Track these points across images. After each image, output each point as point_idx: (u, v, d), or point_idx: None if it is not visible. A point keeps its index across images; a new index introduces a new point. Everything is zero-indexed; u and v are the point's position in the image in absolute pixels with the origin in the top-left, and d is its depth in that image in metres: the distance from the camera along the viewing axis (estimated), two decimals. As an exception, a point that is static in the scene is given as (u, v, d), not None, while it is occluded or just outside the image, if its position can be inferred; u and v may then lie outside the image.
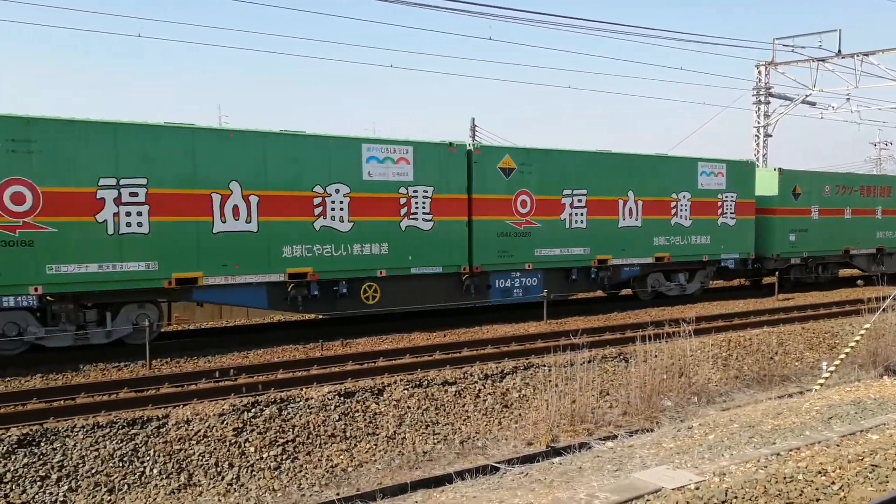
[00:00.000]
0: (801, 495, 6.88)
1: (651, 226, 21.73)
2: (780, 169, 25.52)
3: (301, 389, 12.20)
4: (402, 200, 17.32)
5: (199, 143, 14.83)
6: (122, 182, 14.07)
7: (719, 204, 23.38)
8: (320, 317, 18.04)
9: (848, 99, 35.75)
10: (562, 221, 19.93)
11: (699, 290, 23.75)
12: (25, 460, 9.66)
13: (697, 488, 7.10)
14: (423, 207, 17.67)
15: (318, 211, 16.22)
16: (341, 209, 16.51)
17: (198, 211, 14.87)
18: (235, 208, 15.25)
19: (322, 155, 16.23)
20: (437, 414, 12.50)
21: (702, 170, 22.84)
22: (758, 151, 36.88)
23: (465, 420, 12.59)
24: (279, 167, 15.72)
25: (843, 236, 27.32)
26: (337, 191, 16.43)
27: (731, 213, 23.64)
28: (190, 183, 14.74)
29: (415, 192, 17.50)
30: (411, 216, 17.49)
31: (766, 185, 25.32)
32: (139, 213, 14.26)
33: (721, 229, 23.45)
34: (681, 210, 22.46)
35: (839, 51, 33.14)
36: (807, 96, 35.82)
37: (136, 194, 14.21)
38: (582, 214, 20.21)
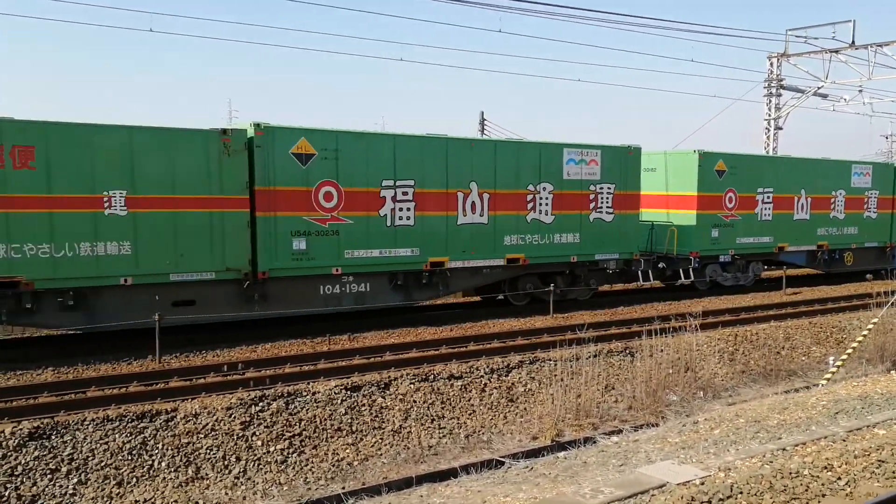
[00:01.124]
0: (806, 490, 6.89)
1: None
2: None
3: (308, 383, 12.26)
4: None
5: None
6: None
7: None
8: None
9: (861, 91, 35.56)
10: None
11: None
12: (36, 453, 9.75)
13: (703, 483, 7.12)
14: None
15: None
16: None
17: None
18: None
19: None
20: (442, 408, 12.55)
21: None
22: (768, 144, 36.71)
23: (470, 414, 12.63)
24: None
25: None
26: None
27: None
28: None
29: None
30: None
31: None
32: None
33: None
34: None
35: (853, 41, 32.83)
36: (819, 88, 35.59)
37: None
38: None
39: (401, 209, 17.24)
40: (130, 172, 14.07)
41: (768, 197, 24.07)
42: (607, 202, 20.36)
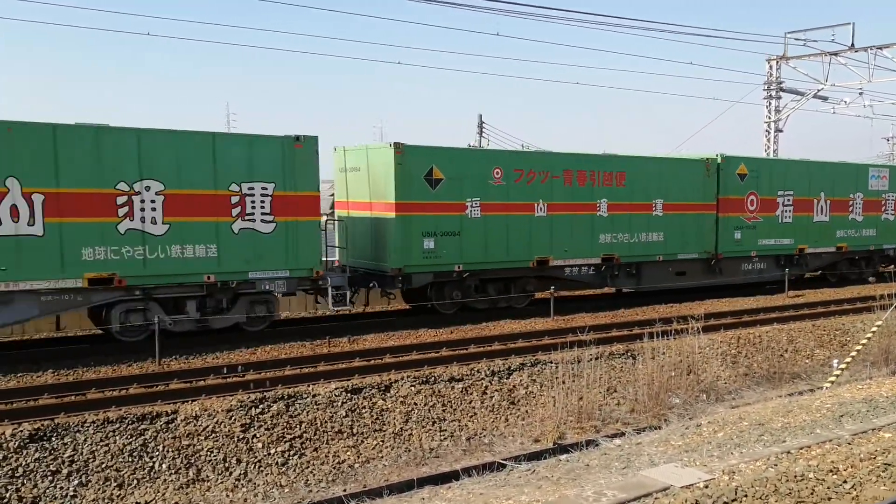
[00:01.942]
0: (812, 494, 6.84)
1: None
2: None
3: (308, 385, 12.21)
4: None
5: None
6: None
7: None
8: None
9: (861, 93, 35.55)
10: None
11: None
12: (37, 455, 9.71)
13: (706, 486, 7.06)
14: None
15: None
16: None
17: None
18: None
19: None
20: (443, 410, 12.50)
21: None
22: (768, 147, 36.68)
23: (471, 417, 12.58)
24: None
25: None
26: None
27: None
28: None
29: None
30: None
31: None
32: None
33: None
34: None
35: (852, 44, 32.83)
36: (819, 91, 35.58)
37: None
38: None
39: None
40: None
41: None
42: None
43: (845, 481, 7.15)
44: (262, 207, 15.30)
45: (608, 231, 20.54)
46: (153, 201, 14.20)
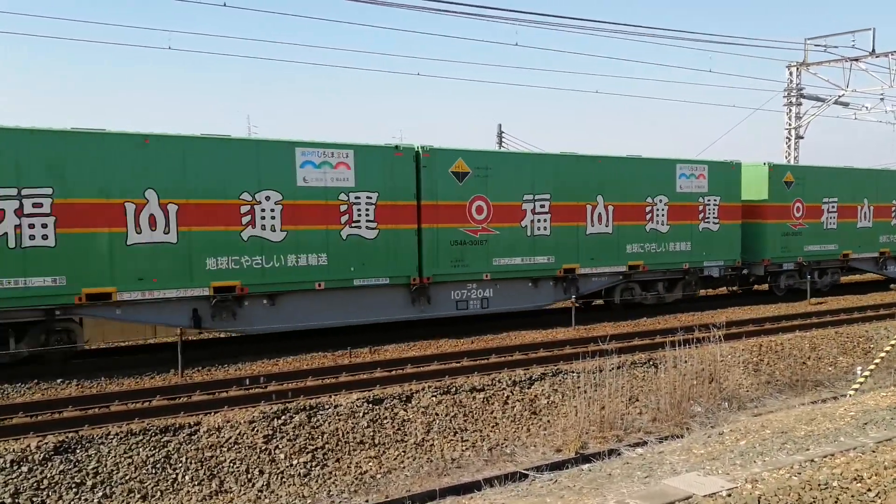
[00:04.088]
0: (836, 502, 6.78)
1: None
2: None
3: (330, 396, 12.26)
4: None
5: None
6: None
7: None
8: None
9: (882, 99, 35.26)
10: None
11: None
12: (62, 467, 9.82)
13: (729, 495, 7.02)
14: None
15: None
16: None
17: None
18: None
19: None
20: (465, 421, 12.50)
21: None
22: (789, 154, 36.43)
23: (493, 427, 12.57)
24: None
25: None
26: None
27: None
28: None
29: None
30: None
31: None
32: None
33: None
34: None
35: (873, 50, 32.67)
36: (839, 97, 35.35)
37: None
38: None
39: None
40: None
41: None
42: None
43: (869, 489, 7.08)
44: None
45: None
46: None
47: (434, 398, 12.71)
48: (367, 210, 16.56)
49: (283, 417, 11.41)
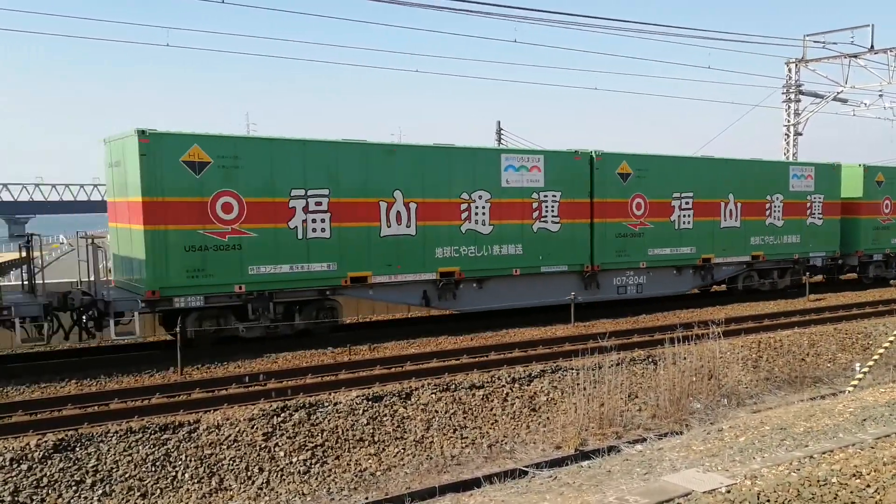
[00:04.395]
0: (835, 498, 6.79)
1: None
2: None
3: (329, 394, 12.27)
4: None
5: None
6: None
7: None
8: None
9: (881, 95, 35.25)
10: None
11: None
12: (61, 465, 9.82)
13: (728, 491, 7.03)
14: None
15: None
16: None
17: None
18: None
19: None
20: (464, 418, 12.51)
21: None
22: (787, 150, 36.43)
23: (492, 424, 12.58)
24: None
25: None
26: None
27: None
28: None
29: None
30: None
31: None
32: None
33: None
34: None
35: (872, 46, 32.64)
36: (838, 93, 35.34)
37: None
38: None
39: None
40: None
41: None
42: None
43: (868, 485, 7.09)
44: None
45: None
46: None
47: (434, 395, 12.72)
48: (552, 207, 19.32)
49: (282, 415, 11.41)
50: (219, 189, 14.81)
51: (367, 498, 10.10)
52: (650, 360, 15.24)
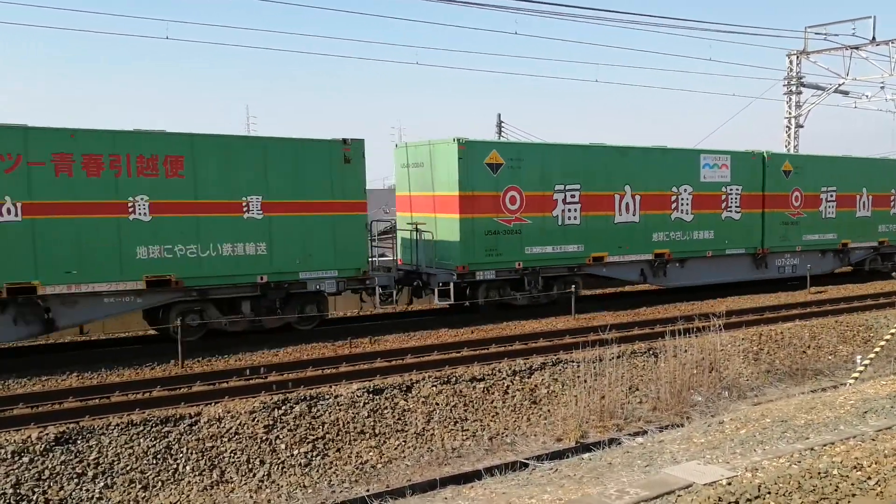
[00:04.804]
0: (836, 490, 6.79)
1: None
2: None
3: (330, 387, 12.27)
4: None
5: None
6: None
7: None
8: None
9: (882, 87, 35.15)
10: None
11: None
12: (63, 458, 9.83)
13: (729, 483, 7.04)
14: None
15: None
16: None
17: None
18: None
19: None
20: (465, 410, 12.51)
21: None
22: (789, 142, 36.37)
23: (493, 416, 12.59)
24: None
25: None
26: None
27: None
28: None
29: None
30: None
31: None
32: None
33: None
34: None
35: (873, 38, 32.52)
36: (840, 85, 35.24)
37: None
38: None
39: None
40: None
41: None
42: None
43: (869, 477, 7.09)
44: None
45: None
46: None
47: (434, 388, 12.73)
48: (735, 198, 22.97)
49: (283, 408, 11.42)
50: (507, 185, 18.54)
51: (368, 490, 10.11)
52: (651, 352, 15.24)
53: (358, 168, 16.43)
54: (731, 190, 22.82)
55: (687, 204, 21.84)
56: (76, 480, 9.63)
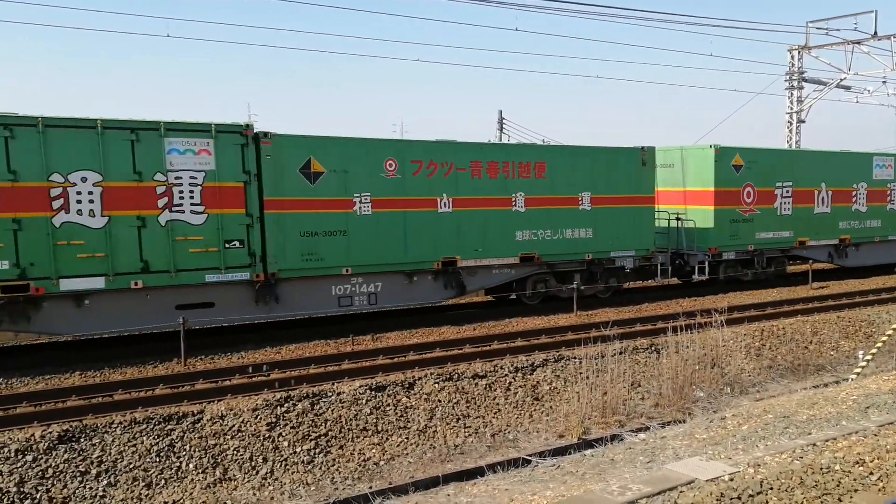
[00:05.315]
0: (838, 486, 6.79)
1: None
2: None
3: (333, 384, 12.29)
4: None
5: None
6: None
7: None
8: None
9: (884, 82, 35.10)
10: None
11: None
12: (66, 456, 9.86)
13: (732, 479, 7.04)
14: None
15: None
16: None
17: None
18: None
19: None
20: (467, 407, 12.53)
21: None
22: (790, 138, 36.32)
23: (496, 413, 12.60)
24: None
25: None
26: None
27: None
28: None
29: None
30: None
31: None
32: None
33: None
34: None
35: (875, 32, 32.51)
36: (841, 80, 35.19)
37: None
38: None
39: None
40: None
41: None
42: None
43: (871, 473, 7.09)
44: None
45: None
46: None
47: (437, 385, 12.74)
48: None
49: (286, 405, 11.44)
50: (745, 182, 22.90)
51: (370, 487, 10.13)
52: (653, 348, 15.25)
53: (651, 170, 20.50)
54: (894, 186, 27.40)
55: (863, 198, 26.41)
56: (79, 479, 9.66)
